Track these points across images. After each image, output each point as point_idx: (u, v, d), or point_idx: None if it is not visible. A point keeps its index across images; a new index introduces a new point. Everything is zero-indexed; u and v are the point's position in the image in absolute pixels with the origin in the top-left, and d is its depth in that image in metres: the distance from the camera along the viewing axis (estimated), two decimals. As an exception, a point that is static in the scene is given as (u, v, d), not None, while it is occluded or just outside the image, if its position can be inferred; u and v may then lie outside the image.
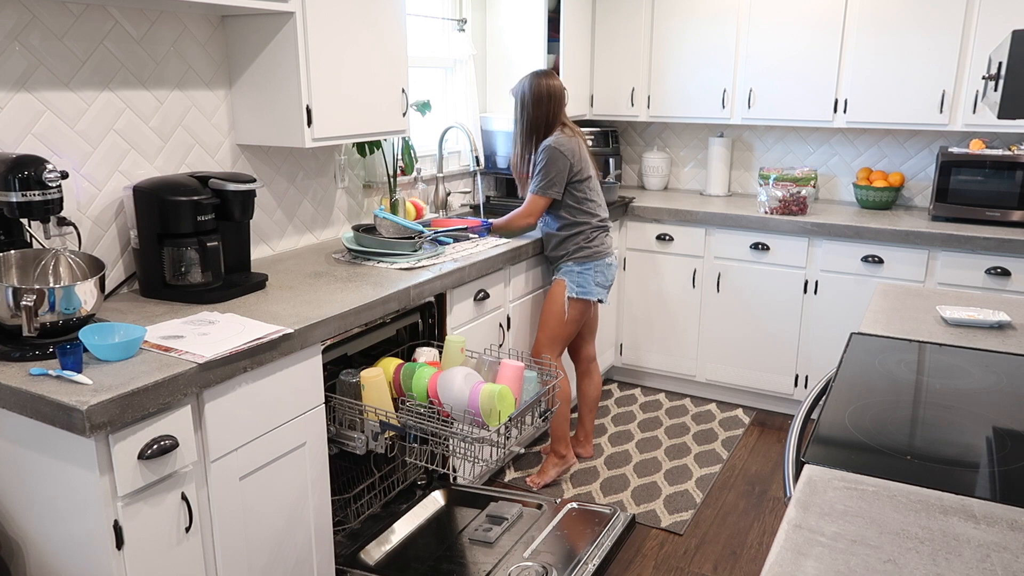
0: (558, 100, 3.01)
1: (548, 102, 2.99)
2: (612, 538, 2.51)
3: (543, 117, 2.99)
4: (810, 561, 1.11)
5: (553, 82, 3.00)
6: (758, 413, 3.95)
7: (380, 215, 2.79)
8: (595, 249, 3.04)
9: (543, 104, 2.99)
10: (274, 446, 2.00)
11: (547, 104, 2.99)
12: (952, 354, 1.96)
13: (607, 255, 3.07)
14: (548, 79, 3.01)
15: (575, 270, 3.03)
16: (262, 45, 2.45)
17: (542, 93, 2.98)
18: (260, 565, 2.01)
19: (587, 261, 3.03)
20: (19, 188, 1.79)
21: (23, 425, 1.66)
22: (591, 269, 3.04)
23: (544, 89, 2.99)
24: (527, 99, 3.00)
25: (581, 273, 3.03)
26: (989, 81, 1.70)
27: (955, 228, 3.40)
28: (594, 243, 3.04)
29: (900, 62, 3.56)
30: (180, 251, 2.17)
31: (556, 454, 3.25)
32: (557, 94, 3.00)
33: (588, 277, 3.03)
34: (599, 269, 3.05)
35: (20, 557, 1.80)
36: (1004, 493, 1.29)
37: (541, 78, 3.00)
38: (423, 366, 2.31)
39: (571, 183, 2.98)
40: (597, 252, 3.04)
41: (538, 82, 2.99)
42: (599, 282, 3.06)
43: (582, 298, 3.04)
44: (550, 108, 2.99)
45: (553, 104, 3.00)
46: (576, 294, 3.03)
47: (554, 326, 3.07)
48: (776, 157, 4.28)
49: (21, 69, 2.01)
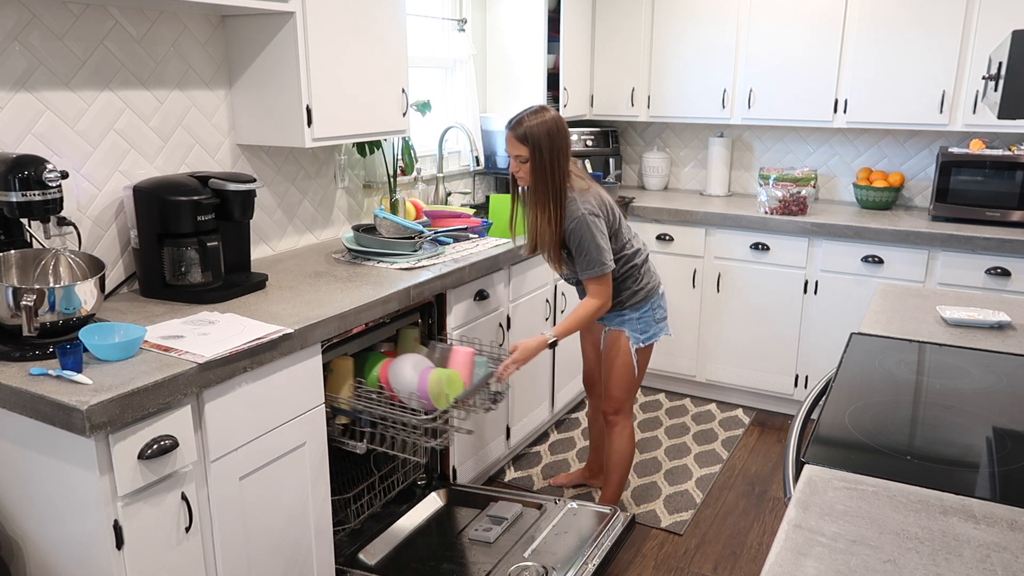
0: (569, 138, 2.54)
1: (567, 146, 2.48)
2: (612, 538, 2.50)
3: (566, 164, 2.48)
4: (810, 561, 1.11)
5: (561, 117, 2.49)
6: (758, 413, 3.95)
7: (380, 215, 2.79)
8: (648, 287, 2.66)
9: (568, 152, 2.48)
10: (274, 446, 2.00)
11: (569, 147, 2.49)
12: (952, 354, 1.96)
13: (658, 287, 2.70)
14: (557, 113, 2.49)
15: (634, 317, 2.67)
16: (262, 45, 2.45)
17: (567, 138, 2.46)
18: (260, 565, 2.01)
19: (643, 304, 2.66)
20: (19, 188, 1.79)
21: (23, 425, 1.66)
22: (649, 309, 2.67)
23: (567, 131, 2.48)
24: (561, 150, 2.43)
25: (641, 319, 2.67)
26: (989, 81, 1.70)
27: (955, 228, 3.40)
28: (643, 280, 2.65)
29: (900, 62, 3.56)
30: (180, 251, 2.17)
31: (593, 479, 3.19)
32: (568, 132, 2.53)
33: (648, 319, 2.68)
34: (656, 304, 2.69)
35: (20, 557, 1.80)
36: (1004, 493, 1.29)
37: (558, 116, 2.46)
38: (377, 354, 2.39)
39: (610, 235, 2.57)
40: (651, 289, 2.66)
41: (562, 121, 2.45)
42: (659, 317, 2.70)
43: (648, 344, 2.71)
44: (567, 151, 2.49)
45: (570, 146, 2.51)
46: (643, 343, 2.68)
47: (624, 378, 2.72)
48: (776, 157, 4.28)
49: (21, 69, 2.01)
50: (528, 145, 2.40)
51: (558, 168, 2.42)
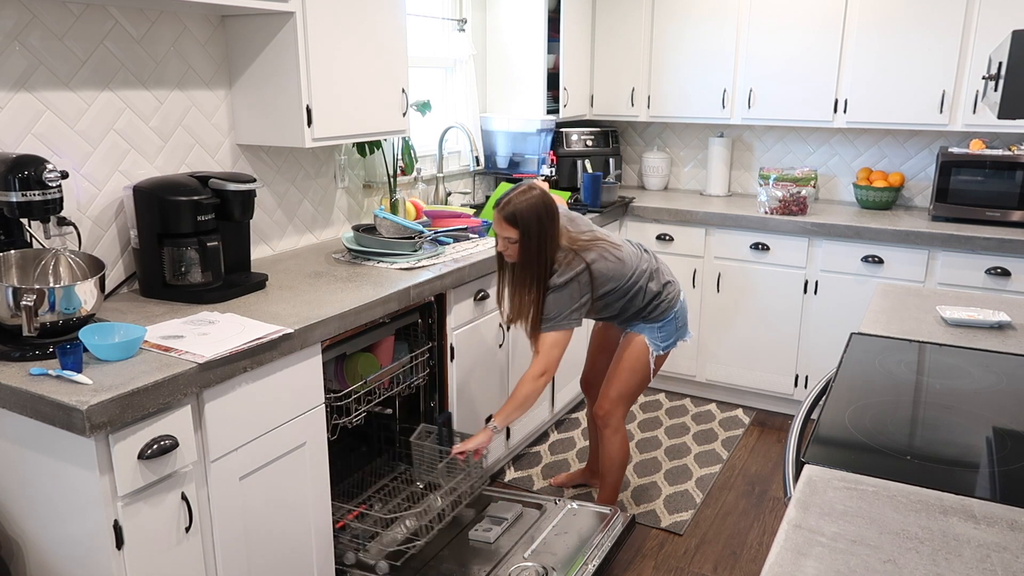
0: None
1: (555, 223, 2.40)
2: (612, 538, 2.51)
3: (554, 247, 2.41)
4: (810, 561, 1.11)
5: (547, 193, 2.41)
6: (758, 413, 3.95)
7: (380, 215, 2.79)
8: (667, 299, 2.60)
9: (556, 229, 2.40)
10: (274, 446, 2.00)
11: (556, 228, 2.41)
12: (952, 354, 1.96)
13: (678, 296, 2.65)
14: (545, 192, 2.40)
15: (655, 326, 2.62)
16: (262, 45, 2.45)
17: (555, 217, 2.39)
18: (260, 565, 2.01)
19: (664, 316, 2.61)
20: (19, 188, 1.79)
21: (23, 425, 1.66)
22: (669, 320, 2.63)
23: (554, 208, 2.40)
24: (549, 232, 2.36)
25: (663, 328, 2.62)
26: (989, 81, 1.70)
27: (955, 228, 3.40)
28: (663, 295, 2.59)
29: (900, 62, 3.56)
30: (180, 251, 2.17)
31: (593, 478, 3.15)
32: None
33: (670, 327, 2.64)
34: (677, 314, 2.65)
35: (20, 557, 1.80)
36: (1004, 493, 1.29)
37: (545, 194, 2.39)
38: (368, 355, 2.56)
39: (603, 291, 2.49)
40: (671, 299, 2.61)
41: (549, 199, 2.38)
42: (680, 324, 2.67)
43: (666, 352, 2.67)
44: (556, 228, 2.41)
45: (556, 225, 2.42)
46: (663, 351, 2.65)
47: (632, 382, 2.67)
48: (776, 157, 4.28)
49: (21, 69, 2.01)
50: (518, 228, 2.33)
51: (545, 250, 2.36)
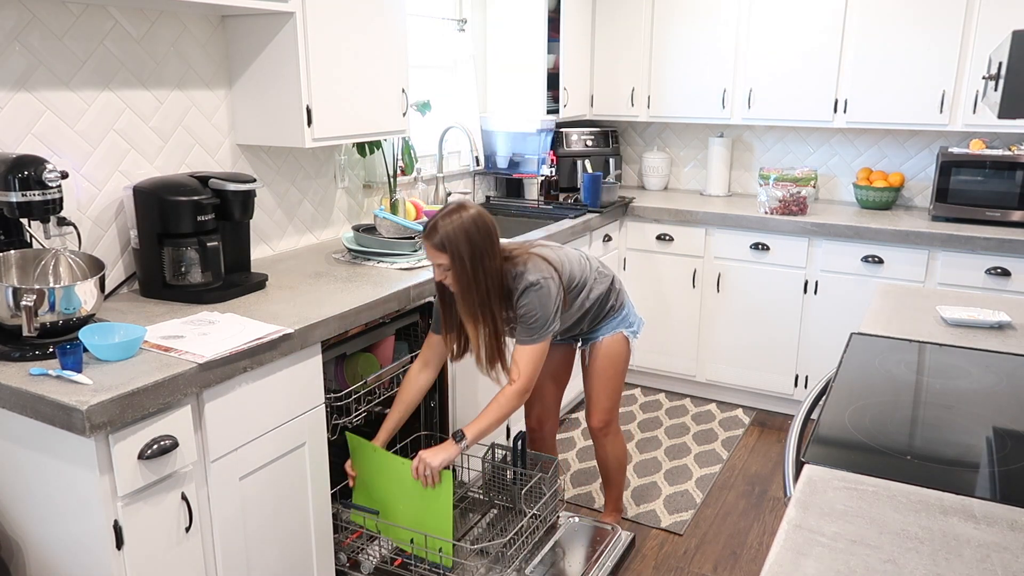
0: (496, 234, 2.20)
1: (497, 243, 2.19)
2: (614, 558, 2.52)
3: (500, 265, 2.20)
4: (810, 561, 1.11)
5: (480, 209, 2.18)
6: (758, 413, 3.95)
7: (380, 215, 2.79)
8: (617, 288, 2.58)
9: (496, 248, 2.18)
10: (274, 446, 2.00)
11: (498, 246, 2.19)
12: (952, 354, 1.96)
13: (615, 278, 2.61)
14: (476, 208, 2.16)
15: (622, 315, 2.58)
16: (262, 45, 2.45)
17: (493, 234, 2.17)
18: (260, 565, 2.01)
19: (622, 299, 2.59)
20: (19, 188, 1.79)
21: (23, 425, 1.66)
22: (627, 302, 2.61)
23: (490, 225, 2.16)
24: (486, 252, 2.13)
25: (625, 317, 2.59)
26: (989, 81, 1.70)
27: (955, 228, 3.40)
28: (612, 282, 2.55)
29: (900, 62, 3.56)
30: (180, 251, 2.17)
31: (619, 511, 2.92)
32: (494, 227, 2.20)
33: (631, 309, 2.62)
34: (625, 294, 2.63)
35: (20, 557, 1.80)
36: (1004, 493, 1.29)
37: (474, 212, 2.14)
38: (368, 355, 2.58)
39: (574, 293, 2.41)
40: (620, 288, 2.59)
41: (480, 218, 2.14)
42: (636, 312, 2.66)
43: (636, 337, 2.61)
44: (495, 247, 2.18)
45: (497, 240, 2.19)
46: (633, 334, 2.60)
47: (615, 384, 2.62)
48: (776, 157, 4.28)
49: (21, 69, 2.01)
50: (447, 252, 2.11)
51: (482, 272, 2.13)
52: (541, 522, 2.51)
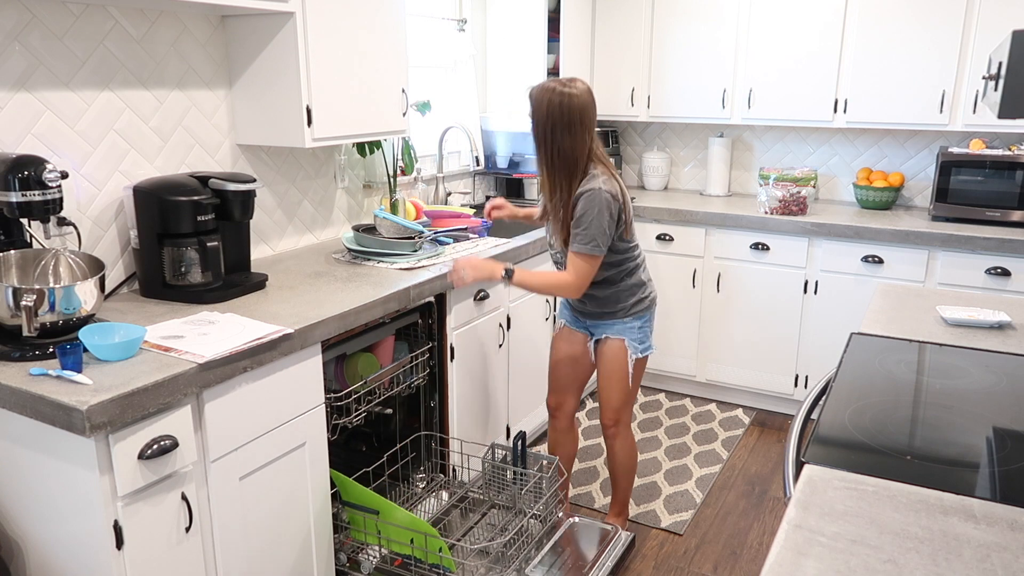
0: (587, 124, 2.37)
1: (571, 128, 2.35)
2: (614, 558, 2.52)
3: (580, 149, 2.36)
4: (810, 561, 1.11)
5: (588, 99, 2.36)
6: (758, 413, 3.95)
7: (380, 215, 2.79)
8: (650, 296, 2.59)
9: (577, 132, 2.35)
10: (274, 446, 2.00)
11: (582, 132, 2.36)
12: (952, 354, 1.96)
13: (656, 297, 2.64)
14: (579, 94, 2.34)
15: (635, 325, 2.56)
16: (262, 45, 2.45)
17: (575, 118, 2.34)
18: (260, 565, 2.01)
19: (645, 313, 2.58)
20: (19, 188, 1.79)
21: (23, 425, 1.66)
22: (649, 319, 2.60)
23: (578, 112, 2.34)
24: (558, 124, 2.33)
25: (642, 328, 2.58)
26: (989, 81, 1.70)
27: (955, 228, 3.40)
28: (647, 289, 2.58)
29: (900, 62, 3.56)
30: (180, 251, 2.17)
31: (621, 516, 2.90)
32: (586, 116, 2.37)
33: (647, 329, 2.61)
34: (653, 315, 2.63)
35: (20, 557, 1.80)
36: (1004, 493, 1.29)
37: (573, 94, 2.33)
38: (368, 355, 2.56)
39: (618, 234, 2.43)
40: (652, 299, 2.60)
41: (570, 101, 2.32)
42: (652, 329, 2.65)
43: (645, 355, 2.62)
44: (585, 136, 2.36)
45: (580, 130, 2.36)
46: (641, 353, 2.59)
47: (624, 389, 2.62)
48: (776, 157, 4.28)
49: (21, 69, 2.01)
50: (531, 106, 2.39)
51: (551, 139, 2.35)
52: (541, 522, 2.51)
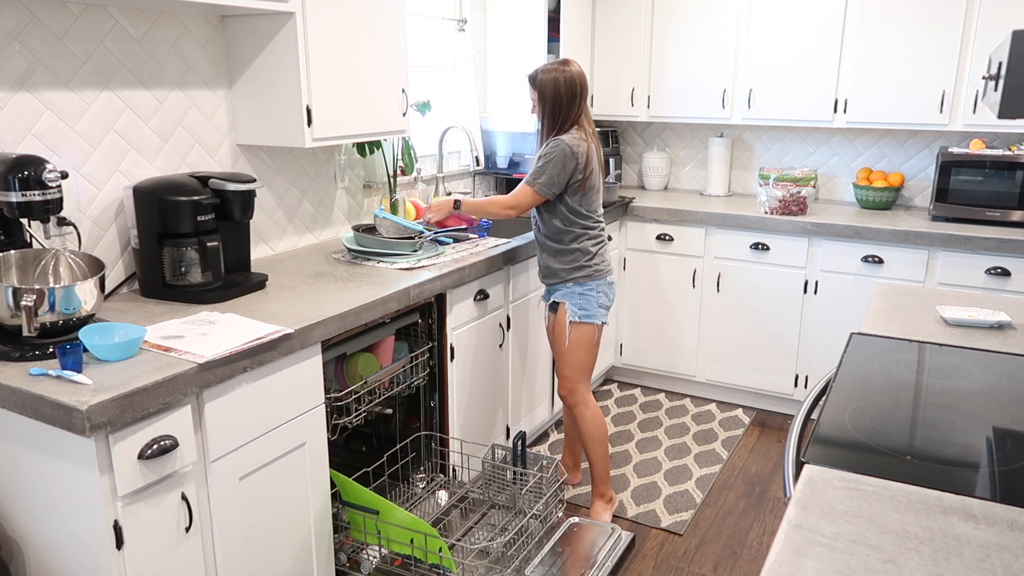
0: (584, 95, 2.71)
1: (575, 99, 2.68)
2: (614, 559, 2.52)
3: (571, 113, 2.68)
4: (810, 561, 1.11)
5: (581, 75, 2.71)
6: (758, 413, 3.95)
7: (380, 215, 2.79)
8: (596, 268, 2.74)
9: (575, 101, 2.68)
10: (274, 446, 2.00)
11: (577, 101, 2.69)
12: (952, 354, 1.96)
13: (608, 273, 2.78)
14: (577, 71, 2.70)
15: (576, 291, 2.74)
16: (262, 45, 2.45)
17: (575, 91, 2.67)
18: (260, 565, 2.01)
19: (588, 281, 2.73)
20: (19, 188, 1.79)
21: (23, 425, 1.66)
22: (593, 290, 2.74)
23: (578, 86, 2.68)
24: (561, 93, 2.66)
25: (583, 295, 2.73)
26: (989, 81, 1.70)
27: (955, 228, 3.40)
28: (594, 261, 2.73)
29: (900, 62, 3.56)
30: (180, 251, 2.17)
31: (603, 497, 2.94)
32: (584, 89, 2.72)
33: (591, 299, 2.74)
34: (601, 290, 2.76)
35: (20, 557, 1.80)
36: (1004, 493, 1.29)
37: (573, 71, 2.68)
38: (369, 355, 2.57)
39: (571, 188, 2.66)
40: (598, 271, 2.74)
41: (571, 78, 2.67)
42: (602, 303, 2.77)
43: (585, 322, 2.74)
44: (574, 104, 2.69)
45: (579, 100, 2.70)
46: (579, 318, 2.72)
47: (574, 355, 2.77)
48: (776, 157, 4.28)
49: (21, 69, 2.01)
50: (536, 89, 2.70)
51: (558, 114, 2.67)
52: (541, 522, 2.51)
